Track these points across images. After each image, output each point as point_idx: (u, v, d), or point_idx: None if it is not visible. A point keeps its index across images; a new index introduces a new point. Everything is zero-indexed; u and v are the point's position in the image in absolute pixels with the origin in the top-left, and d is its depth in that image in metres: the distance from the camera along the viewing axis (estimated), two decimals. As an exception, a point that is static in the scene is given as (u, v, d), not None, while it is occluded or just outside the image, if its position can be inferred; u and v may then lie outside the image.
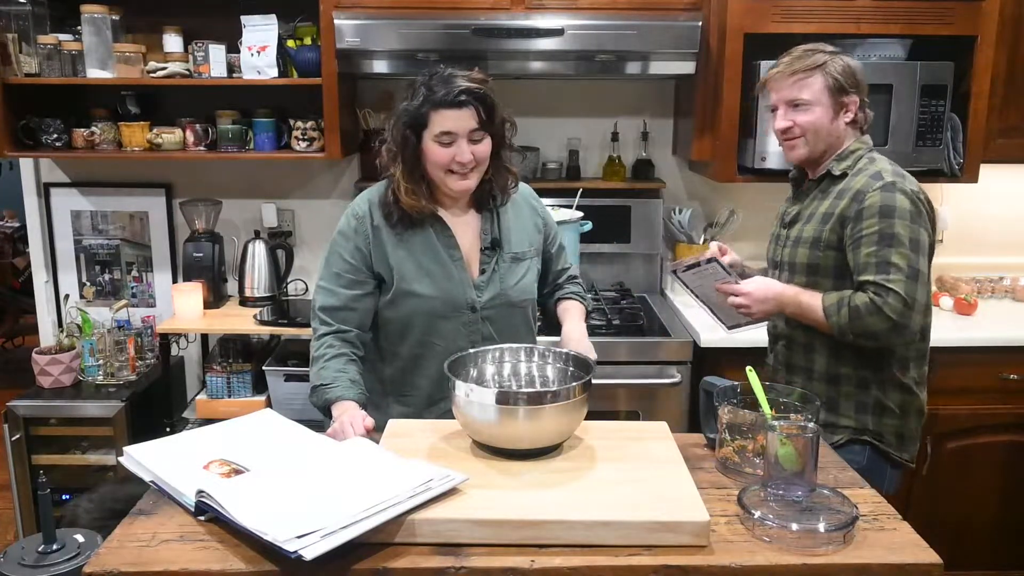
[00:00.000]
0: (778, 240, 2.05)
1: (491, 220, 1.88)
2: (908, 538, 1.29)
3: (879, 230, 1.78)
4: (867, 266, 1.79)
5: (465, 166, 1.74)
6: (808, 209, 1.95)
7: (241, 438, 1.55)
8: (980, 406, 2.71)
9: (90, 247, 3.22)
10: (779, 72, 1.90)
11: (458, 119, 1.71)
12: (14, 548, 1.69)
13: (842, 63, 1.87)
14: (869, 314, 1.76)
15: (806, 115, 1.88)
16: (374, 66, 2.75)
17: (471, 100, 1.71)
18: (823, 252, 1.88)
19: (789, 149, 1.94)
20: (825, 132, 1.89)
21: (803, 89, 1.87)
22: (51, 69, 2.79)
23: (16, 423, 2.78)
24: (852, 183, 1.86)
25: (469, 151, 1.73)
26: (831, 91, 1.86)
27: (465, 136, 1.73)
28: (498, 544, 1.24)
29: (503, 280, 1.87)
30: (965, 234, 3.24)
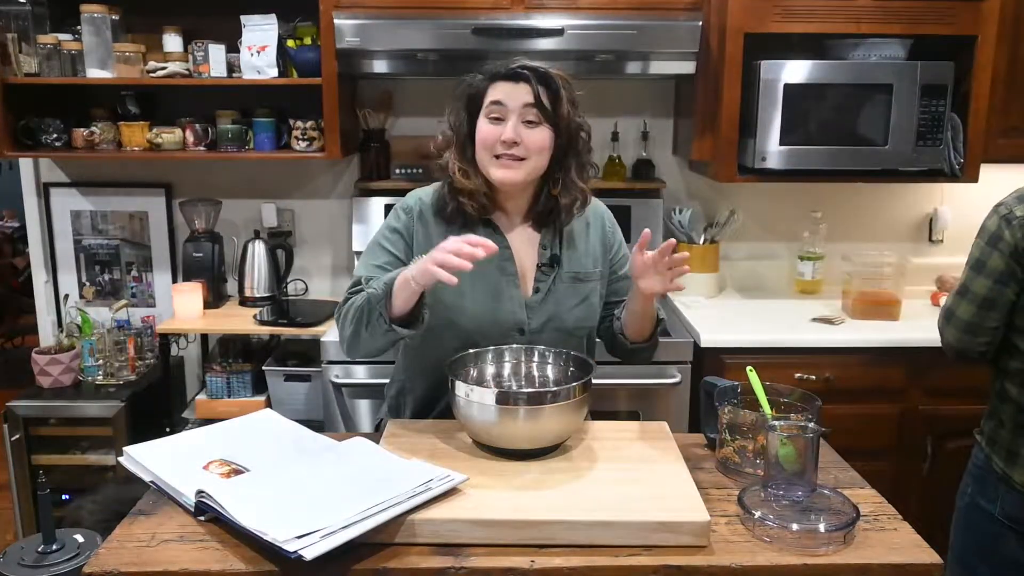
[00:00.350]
0: None
1: (552, 234, 1.71)
2: (908, 538, 1.29)
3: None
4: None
5: (509, 148, 1.57)
6: None
7: (241, 438, 1.54)
8: (980, 406, 2.70)
9: (90, 247, 3.22)
10: None
11: (510, 91, 1.58)
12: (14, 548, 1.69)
13: None
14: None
15: None
16: (374, 66, 2.75)
17: (529, 75, 1.58)
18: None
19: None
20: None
21: None
22: (51, 69, 2.79)
23: (16, 423, 2.78)
24: None
25: (517, 130, 1.57)
26: None
27: (516, 112, 1.57)
28: (498, 544, 1.24)
29: (559, 302, 1.69)
30: (965, 234, 3.19)
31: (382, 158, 3.09)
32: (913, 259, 3.18)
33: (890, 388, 2.68)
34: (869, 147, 2.73)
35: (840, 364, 2.64)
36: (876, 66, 2.70)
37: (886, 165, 2.76)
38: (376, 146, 3.07)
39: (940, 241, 3.24)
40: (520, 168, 1.61)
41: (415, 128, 3.15)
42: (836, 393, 2.63)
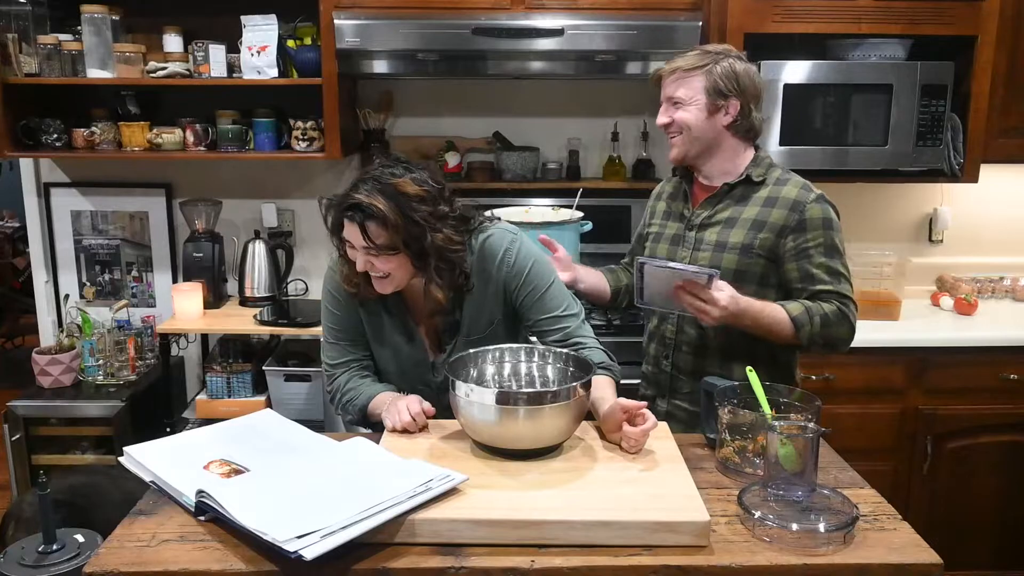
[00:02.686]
0: (683, 242, 1.95)
1: (454, 300, 1.72)
2: (908, 538, 1.29)
3: (823, 242, 1.82)
4: (820, 276, 1.82)
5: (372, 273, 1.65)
6: (725, 213, 1.90)
7: (241, 438, 1.55)
8: (980, 406, 2.71)
9: (90, 247, 3.22)
10: (664, 71, 1.90)
11: (349, 231, 1.61)
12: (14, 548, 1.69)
13: (728, 67, 1.85)
14: (838, 322, 1.81)
15: (684, 113, 1.87)
16: (374, 66, 2.76)
17: (356, 217, 1.58)
18: (753, 259, 1.85)
19: (671, 147, 1.93)
20: (699, 131, 1.87)
21: (681, 88, 1.86)
22: (51, 69, 2.79)
23: (16, 423, 2.78)
24: (780, 192, 1.86)
25: (366, 264, 1.62)
26: (708, 91, 1.84)
27: (360, 249, 1.61)
28: (498, 544, 1.24)
29: None
30: (965, 234, 3.24)
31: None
32: (913, 259, 3.18)
33: (890, 388, 2.69)
34: (869, 147, 2.73)
35: (840, 364, 2.64)
36: (876, 66, 2.70)
37: (886, 165, 2.76)
38: (376, 146, 3.07)
39: (940, 241, 3.24)
40: (388, 283, 1.66)
41: (415, 128, 3.15)
42: (836, 393, 2.63)
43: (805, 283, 1.83)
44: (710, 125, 1.87)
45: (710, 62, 1.85)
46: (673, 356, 1.98)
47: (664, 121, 1.91)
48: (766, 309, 1.80)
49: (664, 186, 2.12)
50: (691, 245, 1.94)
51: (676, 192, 2.04)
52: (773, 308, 1.81)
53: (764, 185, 1.89)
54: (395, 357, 1.79)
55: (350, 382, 1.80)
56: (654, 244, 2.04)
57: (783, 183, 1.88)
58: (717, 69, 1.85)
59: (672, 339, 1.98)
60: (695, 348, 1.94)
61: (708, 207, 1.94)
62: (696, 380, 1.84)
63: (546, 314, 1.73)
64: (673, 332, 1.97)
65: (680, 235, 1.97)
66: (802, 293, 1.84)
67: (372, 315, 1.78)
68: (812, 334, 1.80)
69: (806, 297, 1.83)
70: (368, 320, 1.79)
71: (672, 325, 1.97)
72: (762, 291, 1.86)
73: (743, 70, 1.87)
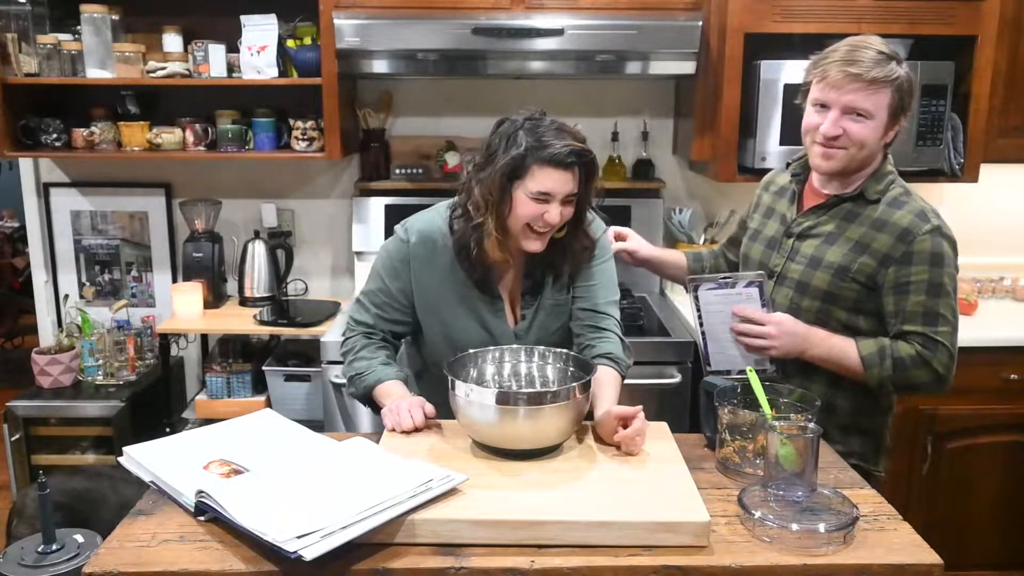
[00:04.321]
0: (779, 248, 1.84)
1: (535, 261, 1.76)
2: (908, 538, 1.29)
3: (928, 279, 1.67)
4: (915, 315, 1.68)
5: (549, 227, 1.65)
6: (828, 227, 1.76)
7: (241, 438, 1.55)
8: (981, 406, 2.71)
9: (90, 247, 3.22)
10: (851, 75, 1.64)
11: (559, 180, 1.61)
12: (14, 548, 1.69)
13: (909, 78, 1.68)
14: (916, 367, 1.67)
15: (862, 128, 1.67)
16: (374, 66, 2.75)
17: (578, 162, 1.62)
18: (848, 283, 1.72)
19: (825, 157, 1.71)
20: (869, 150, 1.70)
21: (869, 100, 1.65)
22: (51, 69, 2.79)
23: (16, 423, 2.78)
24: (893, 216, 1.70)
25: (559, 213, 1.63)
26: (892, 109, 1.67)
27: (560, 198, 1.63)
28: (498, 544, 1.24)
29: (542, 328, 1.79)
30: (965, 234, 3.18)
31: (382, 158, 3.09)
32: (913, 259, 3.18)
33: (890, 388, 2.68)
34: (869, 147, 2.72)
35: (840, 364, 2.64)
36: (876, 66, 2.69)
37: (886, 165, 2.76)
38: (376, 146, 3.07)
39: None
40: (546, 239, 1.69)
41: (415, 128, 3.15)
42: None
43: (897, 320, 1.70)
44: (879, 144, 1.71)
45: (897, 73, 1.65)
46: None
47: (834, 132, 1.67)
48: (833, 340, 1.71)
49: (775, 176, 1.98)
50: (786, 253, 1.82)
51: (785, 189, 1.91)
52: (842, 340, 1.71)
53: (878, 204, 1.73)
54: (484, 333, 1.76)
55: (365, 349, 1.77)
56: (751, 243, 1.93)
57: (898, 206, 1.72)
58: (903, 84, 1.66)
59: None
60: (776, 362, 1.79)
61: (813, 216, 1.80)
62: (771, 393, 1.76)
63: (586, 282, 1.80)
64: None
65: (778, 239, 1.85)
66: (892, 328, 1.71)
67: (464, 287, 1.75)
68: (882, 377, 1.68)
69: (893, 335, 1.70)
70: (461, 292, 1.75)
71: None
72: (853, 317, 1.75)
73: (915, 82, 1.72)
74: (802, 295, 1.77)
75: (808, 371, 1.76)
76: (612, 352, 1.74)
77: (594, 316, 1.78)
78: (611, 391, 1.65)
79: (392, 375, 1.73)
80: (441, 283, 1.76)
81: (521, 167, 1.61)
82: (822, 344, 1.71)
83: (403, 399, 1.64)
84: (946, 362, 1.68)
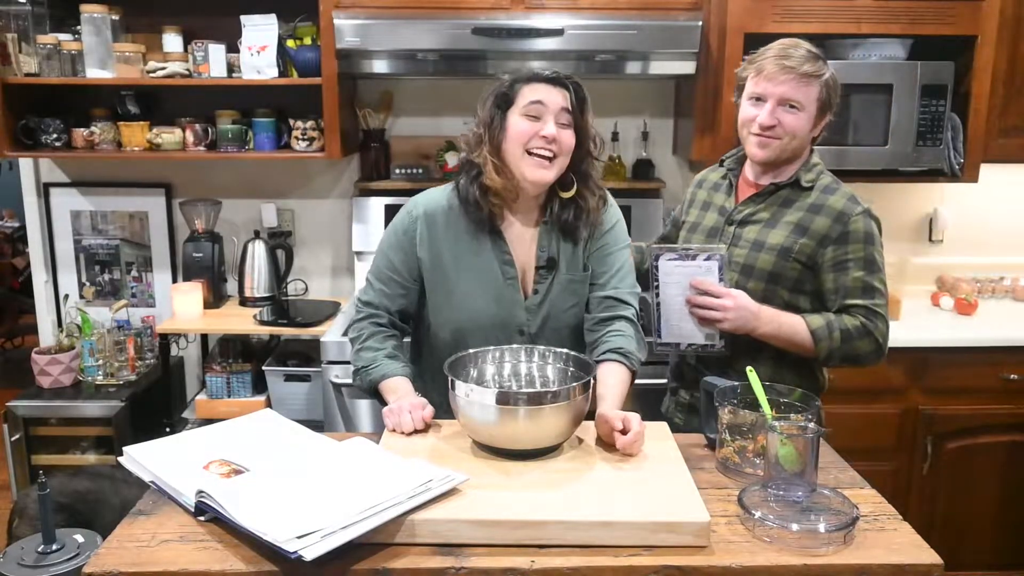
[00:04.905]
0: (721, 236, 1.93)
1: (550, 235, 1.76)
2: (908, 538, 1.29)
3: (864, 256, 1.80)
4: (855, 290, 1.80)
5: (548, 145, 1.63)
6: (766, 213, 1.88)
7: (241, 438, 1.54)
8: (980, 406, 2.71)
9: (90, 247, 3.22)
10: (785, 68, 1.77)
11: (549, 92, 1.64)
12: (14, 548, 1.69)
13: (834, 77, 1.83)
14: (861, 338, 1.79)
15: (795, 119, 1.80)
16: (374, 66, 2.75)
17: (566, 81, 1.65)
18: (790, 263, 1.83)
19: (761, 146, 1.83)
20: (800, 140, 1.83)
21: (801, 92, 1.78)
22: (51, 69, 2.79)
23: (16, 423, 2.78)
24: (827, 200, 1.83)
25: (555, 129, 1.63)
26: (820, 103, 1.81)
27: (553, 113, 1.63)
28: (498, 544, 1.24)
29: (555, 303, 1.76)
30: (965, 234, 3.24)
31: (382, 158, 3.09)
32: (913, 259, 3.19)
33: (890, 388, 2.68)
34: (869, 147, 2.73)
35: (840, 364, 2.65)
36: (876, 66, 2.70)
37: (886, 165, 2.76)
38: (376, 146, 3.07)
39: (940, 241, 3.24)
40: (552, 168, 1.66)
41: (415, 128, 3.15)
42: (836, 393, 2.62)
43: (838, 296, 1.82)
44: (808, 136, 1.84)
45: (825, 71, 1.80)
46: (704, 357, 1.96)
47: (770, 123, 1.80)
48: (783, 317, 1.80)
49: (708, 174, 2.08)
50: (728, 240, 1.91)
51: (720, 184, 2.01)
52: (791, 318, 1.80)
53: (811, 191, 1.86)
54: (495, 301, 1.73)
55: (372, 339, 1.76)
56: (690, 234, 2.01)
57: (831, 192, 1.85)
58: (829, 80, 1.80)
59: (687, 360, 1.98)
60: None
61: (751, 204, 1.91)
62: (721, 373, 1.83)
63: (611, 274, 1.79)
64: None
65: (718, 228, 1.95)
66: (834, 305, 1.82)
67: (475, 256, 1.73)
68: (831, 349, 1.78)
69: (836, 310, 1.82)
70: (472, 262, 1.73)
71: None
72: (794, 297, 1.85)
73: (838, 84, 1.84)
74: (747, 277, 1.87)
75: (755, 351, 1.83)
76: (623, 347, 1.72)
77: (613, 305, 1.78)
78: (617, 389, 1.65)
79: (398, 370, 1.72)
80: (452, 251, 1.74)
81: (509, 93, 1.67)
82: (772, 321, 1.80)
83: (405, 399, 1.64)
84: (884, 332, 1.81)
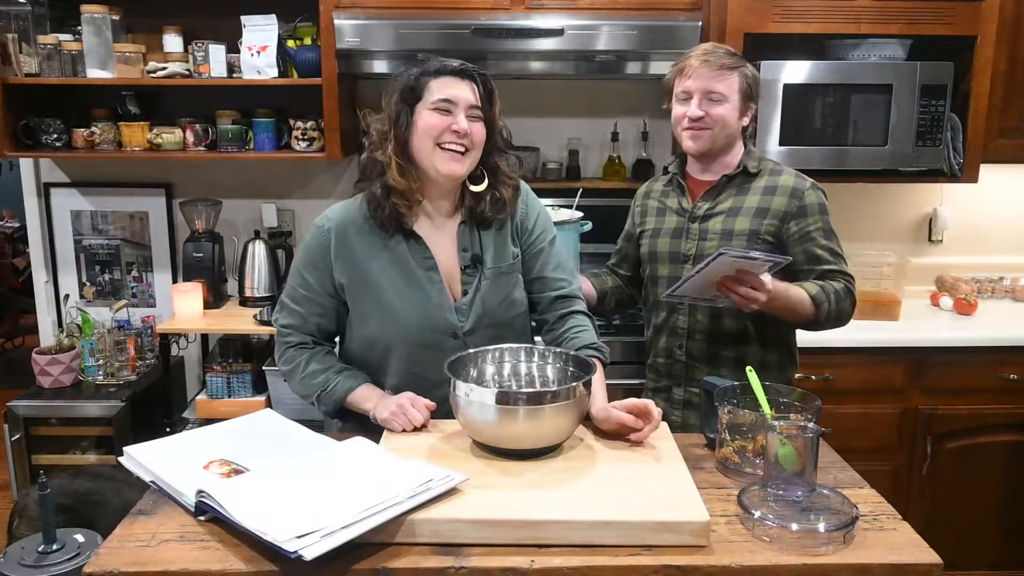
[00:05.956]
0: (686, 234, 1.99)
1: (470, 233, 1.72)
2: (908, 538, 1.29)
3: (822, 226, 1.94)
4: (824, 257, 1.93)
5: (460, 140, 1.60)
6: (727, 203, 1.98)
7: (241, 438, 1.55)
8: (980, 406, 2.71)
9: (90, 247, 3.22)
10: (705, 62, 1.90)
11: (459, 87, 1.62)
12: (14, 548, 1.69)
13: (754, 71, 1.96)
14: (847, 298, 1.92)
15: (721, 109, 1.91)
16: (374, 66, 2.76)
17: (474, 73, 1.64)
18: (761, 244, 1.92)
19: (694, 139, 1.93)
20: (729, 129, 1.93)
21: (722, 83, 1.90)
22: (51, 69, 2.79)
23: (16, 423, 2.78)
24: (778, 181, 1.96)
25: (467, 123, 1.61)
26: (743, 93, 1.92)
27: (463, 109, 1.61)
28: (498, 544, 1.24)
29: (486, 300, 1.71)
30: (965, 234, 3.24)
31: (382, 158, 3.08)
32: (913, 259, 3.18)
33: (890, 388, 2.69)
34: (869, 147, 2.73)
35: (840, 364, 2.65)
36: (876, 66, 2.70)
37: (886, 165, 2.76)
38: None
39: (940, 241, 3.25)
40: (464, 161, 1.64)
41: (415, 128, 3.15)
42: (836, 393, 2.63)
43: (811, 264, 1.93)
44: (737, 125, 1.95)
45: (742, 64, 1.94)
46: (687, 345, 2.02)
47: (698, 114, 1.91)
48: (791, 290, 1.85)
49: (652, 185, 2.16)
50: (696, 236, 1.99)
51: (667, 190, 2.10)
52: (796, 289, 1.87)
53: (760, 176, 1.98)
54: (423, 306, 1.68)
55: (312, 363, 1.72)
56: (653, 239, 2.07)
57: (778, 173, 1.99)
58: (748, 72, 1.94)
59: (685, 328, 2.02)
60: (708, 335, 1.99)
61: (709, 199, 2.00)
62: (711, 365, 1.99)
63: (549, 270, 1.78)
64: (686, 322, 2.01)
65: (682, 228, 2.02)
66: (809, 274, 1.93)
67: (395, 263, 1.68)
68: (829, 311, 1.88)
69: (815, 277, 1.92)
70: (393, 270, 1.68)
71: (684, 315, 2.01)
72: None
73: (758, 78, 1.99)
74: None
75: (741, 341, 1.97)
76: (593, 342, 1.73)
77: (564, 302, 1.78)
78: (601, 384, 1.65)
79: (358, 379, 1.70)
80: (370, 262, 1.68)
81: (416, 86, 1.63)
82: (783, 294, 1.83)
83: (388, 400, 1.64)
84: (855, 292, 1.95)
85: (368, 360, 1.74)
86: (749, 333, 1.97)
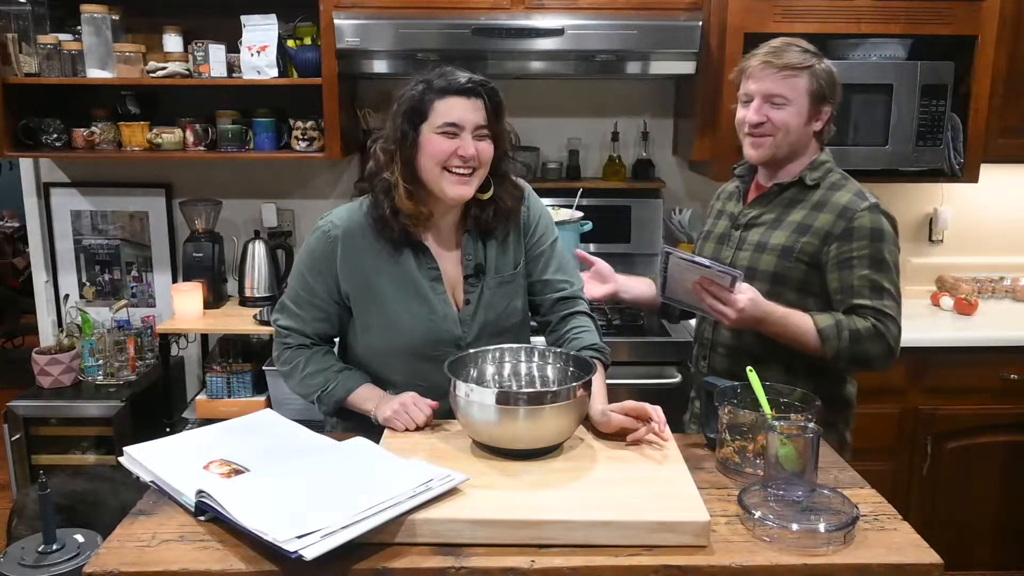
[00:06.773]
0: (728, 241, 1.91)
1: (474, 242, 1.71)
2: (908, 538, 1.29)
3: (870, 254, 1.74)
4: (861, 290, 1.73)
5: (467, 163, 1.57)
6: (771, 214, 1.85)
7: (241, 438, 1.55)
8: (980, 406, 2.71)
9: (90, 247, 3.22)
10: (766, 63, 1.77)
11: (465, 109, 1.57)
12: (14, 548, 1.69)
13: (828, 69, 1.79)
14: (871, 339, 1.71)
15: (783, 113, 1.77)
16: (374, 66, 2.75)
17: (481, 90, 1.58)
18: (793, 263, 1.78)
19: (754, 146, 1.81)
20: (795, 135, 1.79)
21: (785, 86, 1.76)
22: (51, 69, 2.79)
23: (16, 423, 2.78)
24: (832, 197, 1.79)
25: (473, 146, 1.57)
26: (812, 95, 1.77)
27: (471, 131, 1.58)
28: (498, 544, 1.24)
29: (489, 309, 1.71)
30: (965, 234, 3.24)
31: (382, 158, 3.09)
32: (913, 259, 3.18)
33: (890, 388, 2.68)
34: (869, 147, 2.73)
35: (840, 364, 2.64)
36: (876, 66, 2.70)
37: (886, 165, 2.76)
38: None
39: (940, 241, 3.24)
40: (471, 182, 1.61)
41: (415, 128, 3.15)
42: (836, 393, 2.63)
43: (844, 295, 1.75)
44: (805, 130, 1.80)
45: (812, 63, 1.77)
46: (709, 357, 1.94)
47: (756, 120, 1.77)
48: (791, 317, 1.72)
49: (727, 186, 2.05)
50: (735, 244, 1.89)
51: (733, 192, 1.99)
52: (799, 317, 1.72)
53: (817, 189, 1.81)
54: (427, 318, 1.66)
55: (311, 363, 1.71)
56: (703, 242, 2.00)
57: (837, 188, 1.81)
58: (819, 71, 1.77)
59: (709, 340, 1.94)
60: (729, 350, 1.89)
61: (757, 207, 1.88)
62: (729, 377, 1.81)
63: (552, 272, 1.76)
64: (710, 333, 1.93)
65: (727, 233, 1.92)
66: (841, 305, 1.75)
67: (401, 275, 1.66)
68: (839, 349, 1.70)
69: (844, 310, 1.74)
70: (400, 282, 1.66)
71: (709, 326, 1.92)
72: (802, 298, 1.79)
73: (836, 74, 1.81)
74: (751, 280, 1.78)
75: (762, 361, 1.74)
76: (594, 343, 1.72)
77: (566, 303, 1.77)
78: (602, 386, 1.64)
79: (359, 379, 1.70)
80: (375, 270, 1.67)
81: (421, 106, 1.59)
82: (779, 321, 1.71)
83: (395, 399, 1.63)
84: (896, 336, 1.74)
85: (370, 368, 1.74)
86: (771, 353, 1.78)
